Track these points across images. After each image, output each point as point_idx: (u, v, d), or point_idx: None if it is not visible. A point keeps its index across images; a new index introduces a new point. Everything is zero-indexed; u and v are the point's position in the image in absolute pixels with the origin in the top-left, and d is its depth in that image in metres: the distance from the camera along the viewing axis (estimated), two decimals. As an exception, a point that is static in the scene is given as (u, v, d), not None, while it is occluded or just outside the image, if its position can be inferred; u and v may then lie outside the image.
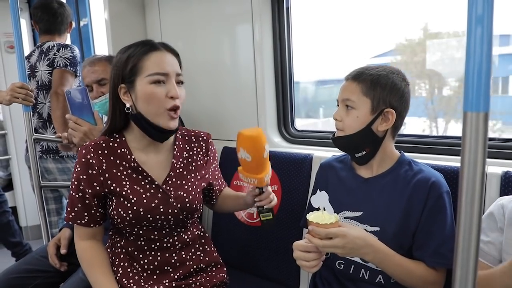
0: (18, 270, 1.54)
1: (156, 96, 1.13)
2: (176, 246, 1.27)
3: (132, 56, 1.15)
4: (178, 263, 1.28)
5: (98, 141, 1.22)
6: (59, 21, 2.30)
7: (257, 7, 1.80)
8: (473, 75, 0.51)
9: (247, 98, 1.92)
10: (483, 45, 0.50)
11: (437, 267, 1.09)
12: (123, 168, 1.21)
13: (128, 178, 1.21)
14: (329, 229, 0.97)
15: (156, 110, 1.15)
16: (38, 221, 1.84)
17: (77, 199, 1.20)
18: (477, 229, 0.54)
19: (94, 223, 1.22)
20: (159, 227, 1.23)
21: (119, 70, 1.16)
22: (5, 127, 3.44)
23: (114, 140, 1.23)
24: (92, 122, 1.46)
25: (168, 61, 1.17)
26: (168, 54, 1.18)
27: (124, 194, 1.19)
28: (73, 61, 2.18)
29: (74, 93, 1.44)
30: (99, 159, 1.19)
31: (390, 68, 1.16)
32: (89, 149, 1.19)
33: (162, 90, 1.14)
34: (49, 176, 2.29)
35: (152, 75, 1.13)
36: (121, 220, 1.20)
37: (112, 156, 1.21)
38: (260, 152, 1.12)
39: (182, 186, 1.26)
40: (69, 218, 1.21)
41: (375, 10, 1.95)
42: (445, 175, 1.19)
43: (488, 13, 0.49)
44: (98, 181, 1.19)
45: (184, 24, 2.10)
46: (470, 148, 0.52)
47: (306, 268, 1.02)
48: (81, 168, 1.19)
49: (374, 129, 1.14)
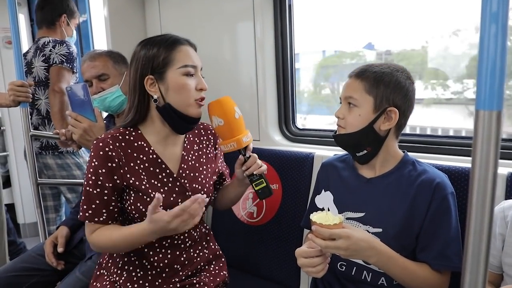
0: (15, 268, 1.53)
1: (187, 88, 1.18)
2: (186, 243, 1.27)
3: (163, 49, 1.17)
4: (187, 261, 1.27)
5: (114, 133, 1.19)
6: (45, 11, 2.25)
7: (258, 3, 1.78)
8: (486, 73, 0.49)
9: (248, 95, 1.90)
10: (497, 42, 0.48)
11: (441, 269, 1.07)
12: (141, 161, 1.20)
13: (146, 172, 1.19)
14: (333, 230, 0.94)
15: (187, 100, 1.18)
16: (36, 219, 1.83)
17: (95, 195, 1.14)
18: (488, 233, 0.52)
19: (112, 219, 1.18)
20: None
21: (148, 62, 1.16)
22: (3, 124, 3.42)
23: (129, 133, 1.22)
24: (92, 118, 1.43)
25: (195, 55, 1.23)
26: (191, 48, 1.23)
27: (143, 189, 1.17)
28: (70, 57, 2.15)
29: (75, 90, 1.42)
30: (118, 152, 1.17)
31: (395, 66, 1.14)
32: (107, 141, 1.16)
33: (193, 82, 1.19)
34: (48, 172, 2.27)
35: (184, 67, 1.17)
36: (139, 215, 1.18)
37: (130, 149, 1.19)
38: (230, 113, 1.18)
39: (196, 179, 1.27)
40: (85, 216, 1.15)
41: (377, 6, 1.93)
42: (449, 175, 1.17)
43: (504, 10, 0.48)
44: (119, 173, 1.16)
45: (185, 21, 2.08)
46: (482, 148, 0.50)
47: (313, 274, 0.99)
48: (99, 161, 1.14)
49: (376, 128, 1.11)
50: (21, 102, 1.74)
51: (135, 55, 1.20)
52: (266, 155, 1.71)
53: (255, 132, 1.89)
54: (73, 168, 2.29)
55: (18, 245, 2.85)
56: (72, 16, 2.33)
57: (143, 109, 1.20)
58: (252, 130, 1.89)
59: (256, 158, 1.24)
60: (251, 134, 1.27)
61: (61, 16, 2.27)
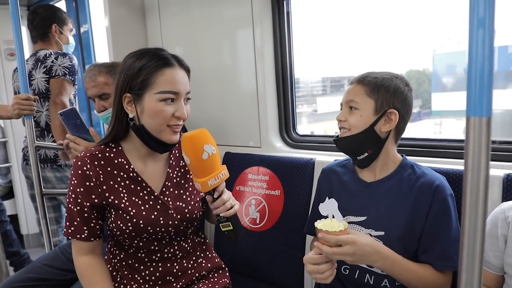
0: (21, 279, 1.53)
1: (162, 115, 1.11)
2: (177, 255, 1.26)
3: (145, 69, 1.10)
4: (180, 272, 1.26)
5: (93, 151, 1.18)
6: (36, 25, 2.25)
7: (257, 11, 1.80)
8: (475, 80, 0.51)
9: (248, 103, 1.92)
10: (485, 48, 0.50)
11: (444, 270, 1.09)
12: (121, 179, 1.19)
13: (126, 189, 1.18)
14: (339, 236, 0.96)
15: (160, 127, 1.13)
16: (39, 229, 1.83)
17: (76, 213, 1.15)
18: (481, 233, 0.54)
19: (94, 236, 1.18)
20: (159, 238, 1.21)
21: (128, 79, 1.12)
22: (5, 135, 3.44)
23: (110, 149, 1.20)
24: (89, 139, 1.47)
25: (181, 80, 1.14)
26: (181, 71, 1.15)
27: (122, 207, 1.16)
28: (72, 69, 2.17)
29: (66, 115, 1.46)
30: (96, 171, 1.15)
31: (394, 73, 1.18)
32: (85, 161, 1.15)
33: (171, 109, 1.12)
34: (47, 185, 2.27)
35: (163, 93, 1.10)
36: (120, 232, 1.18)
37: (109, 167, 1.18)
38: (197, 153, 1.04)
39: (180, 196, 1.24)
40: (68, 232, 1.17)
41: (376, 13, 1.95)
42: (448, 178, 1.19)
43: (490, 16, 0.50)
44: (96, 193, 1.16)
45: (185, 30, 2.11)
46: (474, 153, 0.52)
47: (322, 281, 1.01)
48: (77, 180, 1.15)
49: (377, 130, 1.14)
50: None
51: (120, 68, 1.15)
52: (267, 161, 1.73)
53: (256, 139, 1.92)
54: None
55: (22, 255, 2.84)
56: (63, 24, 2.31)
57: (121, 125, 1.17)
58: (253, 137, 1.92)
59: (224, 201, 1.10)
60: (253, 141, 1.26)
61: (51, 26, 2.26)
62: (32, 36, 2.30)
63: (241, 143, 1.98)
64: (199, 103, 2.09)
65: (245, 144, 1.96)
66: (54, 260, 1.62)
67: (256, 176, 1.74)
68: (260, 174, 1.73)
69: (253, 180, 1.75)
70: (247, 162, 1.79)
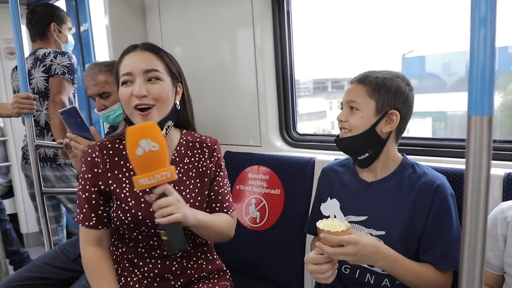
0: (20, 278, 1.53)
1: (124, 97, 1.15)
2: (176, 254, 1.26)
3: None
4: (179, 271, 1.26)
5: (104, 141, 1.24)
6: (34, 24, 2.25)
7: (257, 11, 1.80)
8: (476, 79, 0.51)
9: (249, 102, 1.92)
10: (486, 47, 0.50)
11: (445, 269, 1.09)
12: (126, 169, 1.22)
13: (129, 181, 1.21)
14: (341, 236, 0.96)
15: (128, 109, 1.17)
16: (38, 228, 1.83)
17: (84, 199, 1.20)
18: (483, 232, 0.54)
19: (101, 224, 1.21)
20: (158, 233, 1.20)
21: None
22: (5, 134, 3.44)
23: (120, 142, 1.24)
24: (90, 137, 1.47)
25: (137, 61, 1.15)
26: (142, 52, 1.17)
27: (122, 197, 1.19)
28: (71, 68, 2.17)
29: (67, 114, 1.46)
30: (104, 158, 1.20)
31: (395, 73, 1.17)
32: (95, 148, 1.21)
33: (129, 90, 1.14)
34: (47, 184, 2.26)
35: (120, 77, 1.16)
36: (120, 223, 1.20)
37: (117, 157, 1.22)
38: (132, 147, 0.98)
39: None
40: (79, 219, 1.21)
41: (376, 14, 1.95)
42: (448, 177, 1.19)
43: (491, 15, 0.49)
44: (103, 179, 1.20)
45: (185, 29, 2.11)
46: (475, 152, 0.52)
47: (323, 280, 1.01)
48: (86, 167, 1.20)
49: (378, 130, 1.14)
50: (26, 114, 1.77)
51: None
52: (267, 160, 1.73)
53: (257, 138, 1.92)
54: (72, 180, 2.30)
55: (21, 254, 2.84)
56: (62, 22, 2.30)
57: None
58: (253, 136, 1.92)
59: (159, 205, 1.01)
60: (253, 140, 1.25)
61: (50, 25, 2.25)
62: (31, 35, 2.30)
63: (241, 142, 1.98)
64: (198, 102, 2.08)
65: (245, 143, 1.96)
66: (54, 259, 1.62)
67: (256, 175, 1.74)
68: (260, 173, 1.73)
69: (253, 179, 1.75)
70: (247, 161, 1.79)
